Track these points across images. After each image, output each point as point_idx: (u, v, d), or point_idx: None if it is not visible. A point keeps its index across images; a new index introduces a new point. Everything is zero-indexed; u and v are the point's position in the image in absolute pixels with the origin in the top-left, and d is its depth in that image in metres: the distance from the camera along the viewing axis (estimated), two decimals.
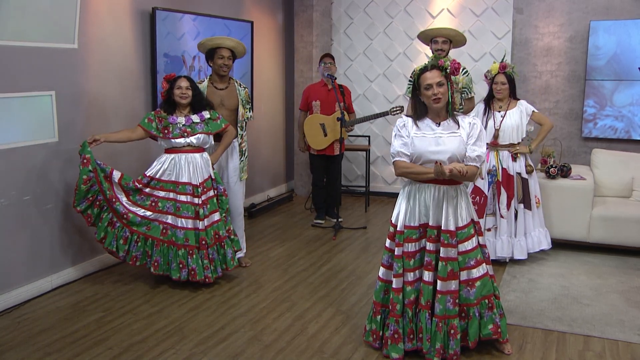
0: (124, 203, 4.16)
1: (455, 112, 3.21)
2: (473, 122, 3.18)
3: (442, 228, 3.14)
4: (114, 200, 4.11)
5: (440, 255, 3.14)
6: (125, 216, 4.13)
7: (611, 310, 3.90)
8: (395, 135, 3.22)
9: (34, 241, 4.09)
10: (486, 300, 3.19)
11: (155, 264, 4.19)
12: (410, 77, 5.21)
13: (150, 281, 4.36)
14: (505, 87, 4.71)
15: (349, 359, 3.25)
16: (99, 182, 4.05)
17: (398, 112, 5.96)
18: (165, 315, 3.80)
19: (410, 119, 3.24)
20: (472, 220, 3.23)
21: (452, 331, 3.12)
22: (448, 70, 3.16)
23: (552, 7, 6.42)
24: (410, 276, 3.20)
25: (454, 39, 5.01)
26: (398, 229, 3.25)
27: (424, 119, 3.21)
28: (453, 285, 3.13)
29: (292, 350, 3.34)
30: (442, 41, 4.95)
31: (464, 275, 3.16)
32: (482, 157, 3.16)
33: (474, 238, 3.20)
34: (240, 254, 4.77)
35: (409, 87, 5.18)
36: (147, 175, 4.23)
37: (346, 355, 3.30)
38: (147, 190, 4.22)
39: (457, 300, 3.14)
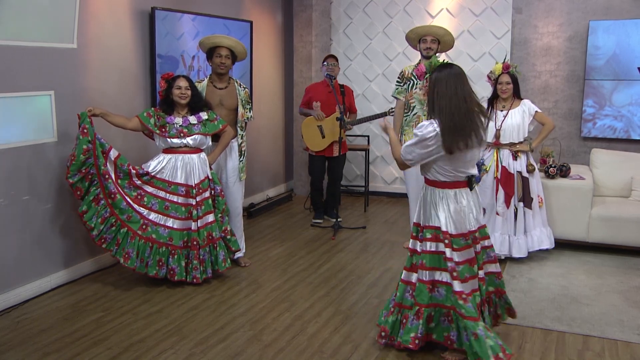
0: (116, 183, 4.11)
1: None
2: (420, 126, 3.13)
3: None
4: (106, 176, 4.03)
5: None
6: (112, 196, 4.05)
7: (611, 310, 3.91)
8: None
9: (33, 241, 4.09)
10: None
11: (126, 255, 4.12)
12: (398, 77, 5.24)
13: (149, 281, 4.35)
14: (509, 87, 4.73)
15: (349, 359, 3.25)
16: (95, 156, 3.99)
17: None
18: (164, 315, 3.80)
19: None
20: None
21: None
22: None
23: (551, 7, 6.42)
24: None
25: (442, 39, 4.98)
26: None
27: None
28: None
29: (291, 350, 3.34)
30: (431, 40, 4.93)
31: None
32: (405, 155, 3.12)
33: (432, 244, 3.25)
34: (239, 254, 4.77)
35: (396, 88, 5.18)
36: (144, 169, 4.23)
37: (346, 354, 3.29)
38: (138, 182, 4.20)
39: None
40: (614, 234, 5.01)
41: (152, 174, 4.22)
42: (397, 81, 5.18)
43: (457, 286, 3.06)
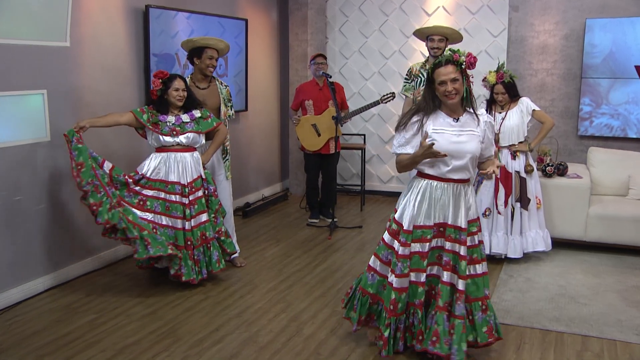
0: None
1: (471, 108, 3.12)
2: (489, 122, 3.16)
3: (461, 226, 3.08)
4: (110, 187, 3.98)
5: (461, 253, 3.07)
6: (121, 203, 4.00)
7: (609, 309, 3.89)
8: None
9: (25, 242, 4.04)
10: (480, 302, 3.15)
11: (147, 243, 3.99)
12: (406, 75, 5.25)
13: (143, 282, 4.32)
14: (505, 97, 4.74)
15: None
16: (93, 168, 3.90)
17: (390, 98, 5.96)
18: (159, 317, 3.76)
19: (422, 115, 3.12)
20: (478, 217, 3.21)
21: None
22: (463, 65, 3.05)
23: (547, 5, 6.40)
24: (422, 277, 3.11)
25: (450, 37, 5.00)
26: (406, 227, 3.11)
27: (438, 114, 3.10)
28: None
29: (287, 352, 3.31)
30: (439, 39, 4.94)
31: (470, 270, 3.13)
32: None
33: (478, 234, 3.17)
34: (234, 255, 4.72)
35: (404, 85, 5.20)
36: (139, 172, 4.17)
37: (342, 356, 3.26)
38: (137, 188, 4.14)
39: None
40: (611, 233, 5.00)
41: (148, 176, 4.16)
42: (405, 78, 5.25)
43: None
